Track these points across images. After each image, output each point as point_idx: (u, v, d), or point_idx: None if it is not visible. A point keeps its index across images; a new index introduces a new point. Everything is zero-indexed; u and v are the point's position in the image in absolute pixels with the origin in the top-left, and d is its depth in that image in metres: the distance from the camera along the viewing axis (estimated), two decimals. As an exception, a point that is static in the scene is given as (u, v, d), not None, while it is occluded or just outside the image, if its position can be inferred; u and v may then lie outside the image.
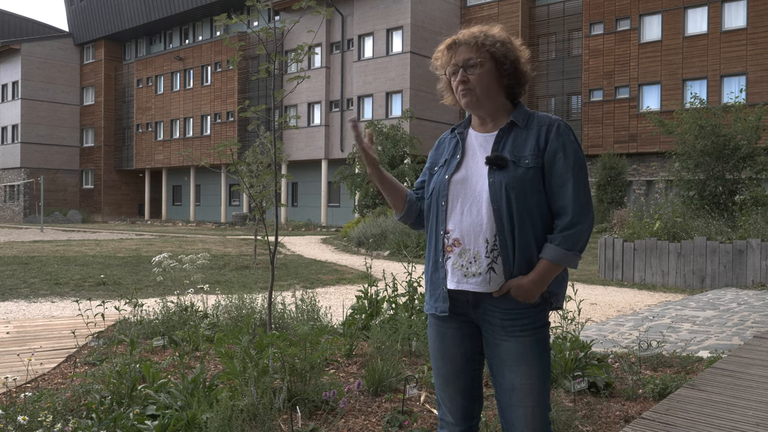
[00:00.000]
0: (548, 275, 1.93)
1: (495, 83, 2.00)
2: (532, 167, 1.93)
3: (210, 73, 36.00)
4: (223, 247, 16.90)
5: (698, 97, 16.56)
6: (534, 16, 27.69)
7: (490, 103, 2.02)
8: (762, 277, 9.72)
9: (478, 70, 1.98)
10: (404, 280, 5.23)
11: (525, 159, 1.93)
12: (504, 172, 1.93)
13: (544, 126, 1.97)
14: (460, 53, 2.00)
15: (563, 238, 1.91)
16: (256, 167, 11.76)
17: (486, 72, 1.98)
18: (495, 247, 1.93)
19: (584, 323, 4.92)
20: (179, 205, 40.43)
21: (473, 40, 1.99)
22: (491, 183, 1.93)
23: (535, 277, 1.91)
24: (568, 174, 1.93)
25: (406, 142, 23.27)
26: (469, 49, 1.99)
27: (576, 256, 1.94)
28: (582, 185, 1.94)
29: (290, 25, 4.11)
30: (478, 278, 1.94)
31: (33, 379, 4.14)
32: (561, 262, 1.92)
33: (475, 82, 1.98)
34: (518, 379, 1.94)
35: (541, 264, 1.92)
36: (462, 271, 1.96)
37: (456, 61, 2.01)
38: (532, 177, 1.92)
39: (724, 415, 3.05)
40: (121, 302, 5.48)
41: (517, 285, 1.92)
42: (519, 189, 1.91)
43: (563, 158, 1.93)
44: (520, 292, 1.92)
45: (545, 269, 1.92)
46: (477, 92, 1.99)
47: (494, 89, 2.00)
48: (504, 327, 1.96)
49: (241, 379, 3.19)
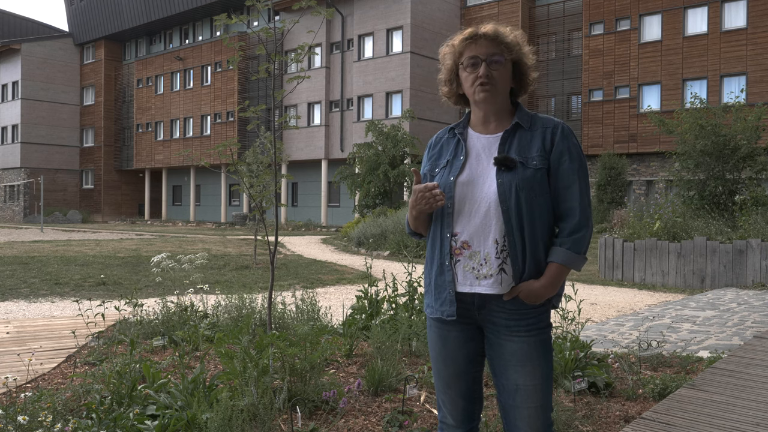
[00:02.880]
0: (559, 279, 1.94)
1: (508, 83, 2.03)
2: (540, 168, 1.94)
3: (210, 73, 36.01)
4: (223, 247, 16.89)
5: (698, 97, 16.56)
6: (534, 16, 27.68)
7: (502, 101, 2.03)
8: (762, 277, 9.72)
9: (501, 67, 1.98)
10: (404, 280, 5.23)
11: (533, 160, 1.94)
12: (513, 172, 1.93)
13: (549, 128, 1.98)
14: (482, 46, 1.97)
15: (573, 242, 1.93)
16: (256, 167, 11.76)
17: (506, 70, 2.00)
18: (504, 248, 1.93)
19: (584, 323, 4.92)
20: (179, 205, 40.43)
21: (498, 37, 1.98)
22: (500, 183, 1.92)
23: (546, 282, 1.93)
24: (574, 176, 1.95)
25: (406, 142, 23.29)
26: (494, 45, 1.97)
27: (583, 259, 1.97)
28: (586, 188, 1.97)
29: (290, 25, 4.11)
30: (490, 280, 1.93)
31: (33, 379, 4.14)
32: (570, 265, 1.94)
33: (498, 78, 1.98)
34: (522, 379, 1.94)
35: (552, 268, 1.93)
36: (474, 274, 1.95)
37: (478, 53, 1.98)
38: (540, 178, 1.93)
39: (724, 415, 3.05)
40: (121, 302, 5.48)
41: (527, 289, 1.92)
42: (528, 189, 1.92)
43: (569, 160, 1.95)
44: (531, 296, 1.92)
45: (556, 273, 1.93)
46: (498, 88, 1.99)
47: (507, 89, 2.04)
48: (509, 327, 1.96)
49: (241, 379, 3.19)
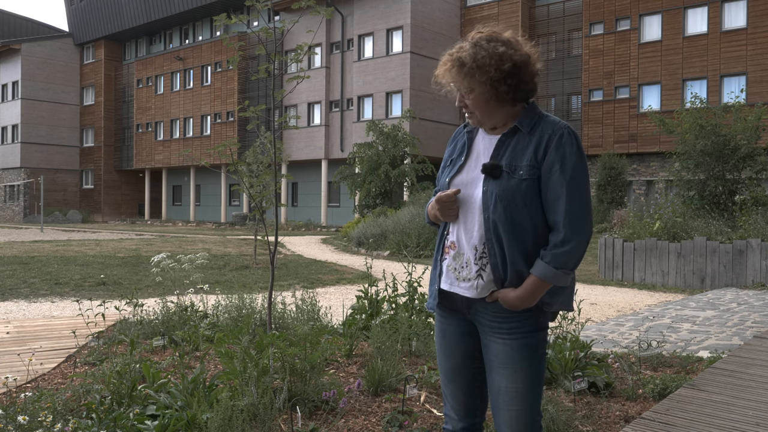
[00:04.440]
0: (537, 292, 1.89)
1: (493, 102, 1.94)
2: (526, 179, 1.88)
3: (210, 73, 36.00)
4: (223, 247, 16.89)
5: (698, 96, 16.56)
6: (534, 16, 27.68)
7: (495, 118, 1.98)
8: (762, 277, 9.72)
9: (470, 96, 1.95)
10: (404, 280, 5.23)
11: (520, 170, 1.89)
12: (497, 181, 1.90)
13: (546, 135, 1.91)
14: (453, 76, 1.95)
15: (553, 256, 1.86)
16: (256, 167, 11.76)
17: (478, 95, 1.93)
18: (484, 255, 1.93)
19: (584, 323, 4.92)
20: (179, 205, 40.43)
21: (462, 67, 1.91)
22: (484, 192, 1.92)
23: (522, 293, 1.88)
24: (563, 188, 1.86)
25: (407, 143, 23.29)
26: (459, 75, 1.93)
27: (566, 274, 1.88)
28: (577, 199, 1.87)
29: (290, 25, 4.11)
30: (467, 283, 1.95)
31: (33, 379, 4.13)
32: (550, 281, 1.87)
33: (473, 107, 1.97)
34: (504, 381, 1.94)
35: (530, 280, 1.88)
36: (455, 274, 1.98)
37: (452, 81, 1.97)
38: (525, 189, 1.88)
39: (724, 415, 3.05)
40: (121, 302, 5.48)
41: (503, 297, 1.91)
42: (509, 200, 1.88)
43: (559, 171, 1.87)
44: (506, 304, 1.92)
45: (533, 286, 1.88)
46: (477, 115, 1.98)
47: (492, 106, 1.95)
48: (492, 328, 1.97)
49: (241, 379, 3.19)
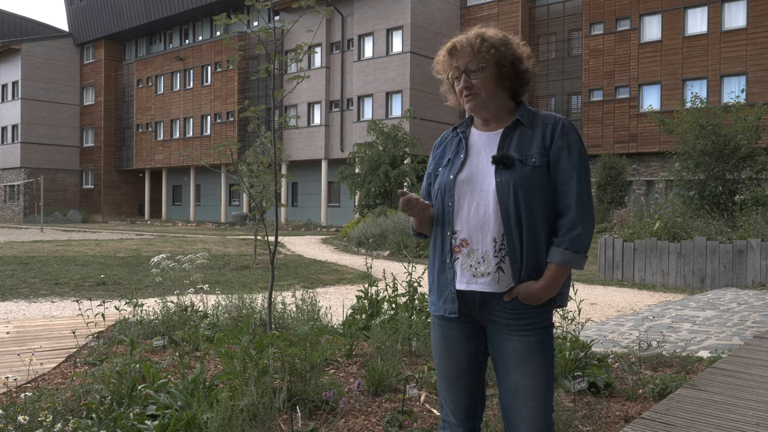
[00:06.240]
0: (559, 280, 1.93)
1: (498, 86, 2.00)
2: (539, 166, 1.93)
3: (210, 73, 36.00)
4: (223, 247, 16.89)
5: (699, 96, 16.56)
6: (534, 16, 27.68)
7: (494, 105, 2.02)
8: (762, 277, 9.72)
9: (481, 75, 1.98)
10: (404, 280, 5.23)
11: (532, 158, 1.93)
12: (511, 171, 1.92)
13: (549, 124, 1.97)
14: (461, 57, 2.00)
15: (570, 241, 1.91)
16: (256, 167, 11.76)
17: (488, 76, 1.99)
18: (503, 247, 1.93)
19: (584, 323, 4.92)
20: (179, 205, 40.43)
21: (470, 46, 1.99)
22: (498, 182, 1.93)
23: (546, 283, 1.91)
24: (572, 172, 1.93)
25: (407, 143, 23.29)
26: (468, 55, 1.99)
27: (583, 258, 1.94)
28: (585, 184, 1.94)
29: (290, 25, 4.10)
30: (487, 278, 1.94)
31: (33, 379, 4.13)
32: (570, 265, 1.92)
33: (479, 86, 1.99)
34: (522, 379, 1.94)
35: (551, 269, 1.92)
36: (471, 272, 1.96)
37: (458, 65, 2.01)
38: (539, 176, 1.93)
39: (724, 415, 3.05)
40: (121, 302, 5.48)
41: (525, 291, 1.92)
42: (527, 188, 1.91)
43: (567, 156, 1.94)
44: (530, 298, 1.92)
45: (555, 274, 1.92)
46: (482, 96, 2.00)
47: (497, 92, 2.01)
48: (508, 326, 1.96)
49: (241, 379, 3.19)
